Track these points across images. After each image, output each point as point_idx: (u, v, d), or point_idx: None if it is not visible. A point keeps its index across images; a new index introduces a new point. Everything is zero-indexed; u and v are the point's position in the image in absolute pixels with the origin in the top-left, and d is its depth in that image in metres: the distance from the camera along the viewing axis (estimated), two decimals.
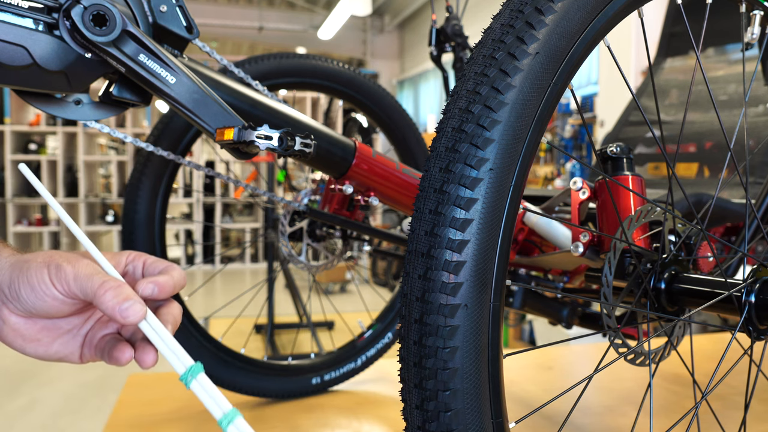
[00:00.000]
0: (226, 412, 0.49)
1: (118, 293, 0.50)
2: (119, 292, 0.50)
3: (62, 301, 0.52)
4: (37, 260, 0.52)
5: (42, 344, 0.55)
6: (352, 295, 6.42)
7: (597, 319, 1.09)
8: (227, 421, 0.49)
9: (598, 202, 0.82)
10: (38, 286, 0.52)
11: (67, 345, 0.56)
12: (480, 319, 0.54)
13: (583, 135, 5.77)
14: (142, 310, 0.51)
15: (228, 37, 10.75)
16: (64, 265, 0.52)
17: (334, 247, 1.38)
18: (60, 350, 0.56)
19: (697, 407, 0.72)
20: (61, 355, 0.56)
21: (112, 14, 0.69)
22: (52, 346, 0.56)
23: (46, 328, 0.55)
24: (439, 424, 0.53)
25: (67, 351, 0.56)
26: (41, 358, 0.56)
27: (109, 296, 0.50)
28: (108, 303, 0.50)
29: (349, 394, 1.41)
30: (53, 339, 0.56)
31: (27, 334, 0.54)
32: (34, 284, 0.52)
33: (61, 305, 0.53)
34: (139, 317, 0.50)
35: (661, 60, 2.16)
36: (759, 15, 0.83)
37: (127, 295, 0.51)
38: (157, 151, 0.93)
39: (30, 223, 7.46)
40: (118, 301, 0.50)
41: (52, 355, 0.56)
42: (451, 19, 1.55)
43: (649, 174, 1.95)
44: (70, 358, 0.57)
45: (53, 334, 0.56)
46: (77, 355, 0.57)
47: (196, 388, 0.50)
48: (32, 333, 0.54)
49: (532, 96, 0.56)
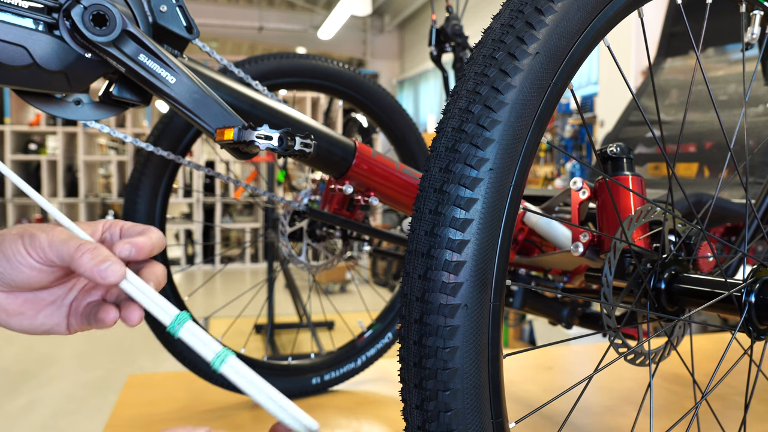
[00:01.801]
0: (217, 352, 0.50)
1: (96, 255, 0.50)
2: (96, 254, 0.50)
3: (39, 269, 0.52)
4: (11, 233, 0.52)
5: (26, 317, 0.55)
6: (352, 295, 6.42)
7: (597, 319, 1.09)
8: (220, 361, 0.50)
9: (598, 202, 0.82)
10: (13, 257, 0.51)
11: (52, 316, 0.56)
12: (480, 319, 0.54)
13: (583, 135, 5.77)
14: (121, 269, 0.50)
15: (228, 37, 10.75)
16: (37, 234, 0.51)
17: (334, 247, 1.38)
18: (45, 322, 0.56)
19: (697, 407, 0.72)
20: (47, 327, 0.56)
21: (112, 14, 0.69)
22: (37, 319, 0.55)
23: (28, 301, 0.55)
24: (439, 424, 0.53)
25: (53, 322, 0.56)
26: (27, 331, 0.56)
27: (86, 258, 0.50)
28: (86, 265, 0.49)
29: (349, 394, 1.41)
30: (37, 311, 0.55)
31: (10, 308, 0.54)
32: (9, 255, 0.51)
33: (39, 274, 0.52)
34: (119, 276, 0.50)
35: (661, 60, 2.16)
36: (759, 15, 0.83)
37: (105, 256, 0.50)
38: (157, 151, 0.93)
39: (30, 223, 7.45)
40: (95, 263, 0.49)
41: (37, 327, 0.56)
42: (451, 19, 1.55)
43: (649, 174, 1.95)
44: (57, 329, 0.57)
45: (36, 306, 0.55)
46: (64, 326, 0.57)
47: (185, 335, 0.51)
48: (15, 307, 0.54)
49: (532, 96, 0.56)
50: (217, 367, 0.50)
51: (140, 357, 4.09)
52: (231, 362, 0.50)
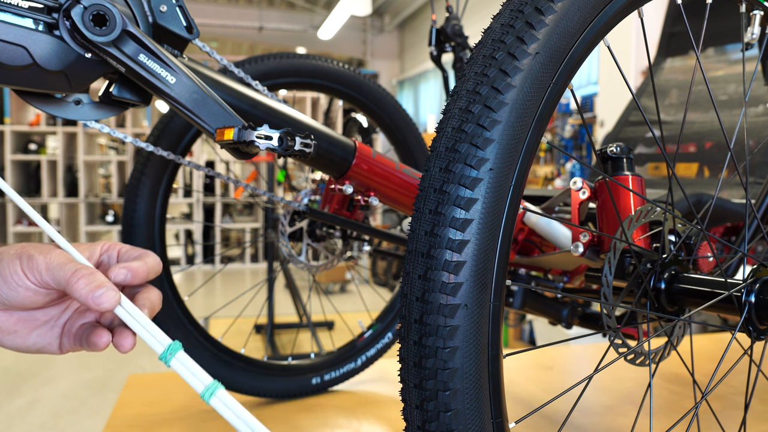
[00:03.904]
0: (207, 385, 0.50)
1: (91, 281, 0.50)
2: (92, 280, 0.51)
3: (35, 291, 0.52)
4: (9, 252, 0.52)
5: (19, 336, 0.55)
6: (352, 295, 6.42)
7: (597, 319, 1.09)
8: (209, 394, 0.50)
9: (598, 202, 0.82)
10: (11, 277, 0.52)
11: (45, 336, 0.56)
12: (480, 319, 0.54)
13: (583, 135, 5.77)
14: (116, 296, 0.51)
15: (228, 37, 10.75)
16: (36, 256, 0.52)
17: (334, 247, 1.38)
18: (38, 341, 0.56)
19: (697, 407, 0.72)
20: (39, 346, 0.56)
21: (112, 14, 0.69)
22: (30, 338, 0.56)
23: (22, 320, 0.55)
24: (439, 424, 0.53)
25: (45, 342, 0.56)
26: (19, 349, 0.56)
27: (81, 284, 0.50)
28: (81, 291, 0.50)
29: (349, 394, 1.41)
30: (30, 330, 0.56)
31: (4, 326, 0.54)
32: (6, 276, 0.52)
33: (34, 296, 0.53)
34: (113, 303, 0.51)
35: (661, 60, 2.16)
36: (759, 15, 0.83)
37: (100, 282, 0.51)
38: (157, 151, 0.93)
39: (30, 224, 7.45)
40: (90, 289, 0.50)
41: (30, 346, 0.56)
42: (451, 19, 1.55)
43: (649, 174, 1.95)
44: (49, 349, 0.57)
45: (30, 325, 0.56)
46: (56, 346, 0.57)
47: (177, 365, 0.51)
48: (8, 325, 0.54)
49: (532, 96, 0.56)
50: (207, 400, 0.50)
51: (140, 357, 4.09)
52: (220, 395, 0.50)
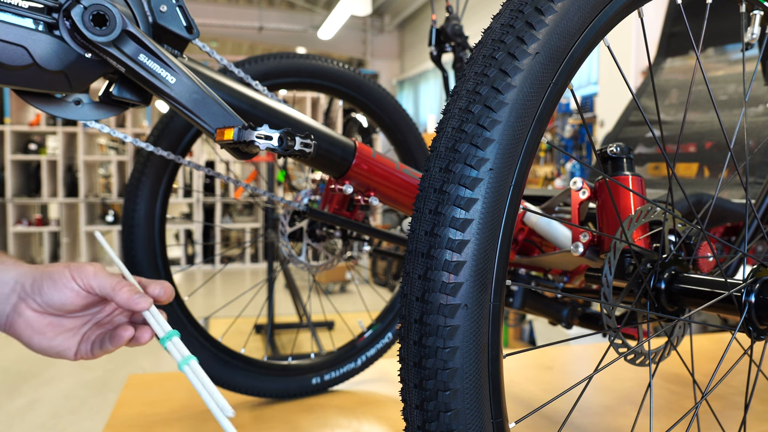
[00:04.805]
0: (184, 356, 0.66)
1: (132, 289, 0.68)
2: (132, 288, 0.68)
3: (77, 293, 0.66)
4: (58, 265, 0.67)
5: (46, 337, 0.67)
6: (352, 295, 6.42)
7: (597, 319, 1.09)
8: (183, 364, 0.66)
9: (598, 202, 0.82)
10: (59, 279, 0.65)
11: (67, 341, 0.69)
12: (480, 319, 0.54)
13: (583, 135, 5.77)
14: (149, 300, 0.68)
15: (228, 37, 10.75)
16: (85, 265, 0.67)
17: (334, 247, 1.37)
18: (60, 344, 0.68)
19: (697, 407, 0.72)
20: (59, 350, 0.68)
21: (112, 14, 0.69)
22: (55, 340, 0.68)
23: (52, 324, 0.67)
24: (439, 424, 0.53)
25: (65, 346, 0.68)
26: (42, 350, 0.68)
27: (125, 291, 0.67)
28: (124, 296, 0.66)
29: (349, 394, 1.41)
30: (56, 334, 0.68)
31: (36, 326, 0.66)
32: (55, 278, 0.65)
33: (76, 297, 0.66)
34: (147, 305, 0.68)
35: (661, 60, 2.16)
36: (759, 15, 0.83)
37: (138, 291, 0.68)
38: (157, 151, 0.93)
39: (30, 223, 7.46)
40: (131, 295, 0.67)
41: (52, 347, 0.68)
42: (451, 19, 1.55)
43: (649, 174, 1.95)
44: (67, 353, 0.69)
45: (57, 330, 0.68)
46: (73, 351, 0.69)
47: (170, 347, 0.67)
48: (40, 326, 0.66)
49: (532, 96, 0.56)
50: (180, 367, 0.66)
51: (140, 357, 4.09)
52: (193, 366, 0.65)
